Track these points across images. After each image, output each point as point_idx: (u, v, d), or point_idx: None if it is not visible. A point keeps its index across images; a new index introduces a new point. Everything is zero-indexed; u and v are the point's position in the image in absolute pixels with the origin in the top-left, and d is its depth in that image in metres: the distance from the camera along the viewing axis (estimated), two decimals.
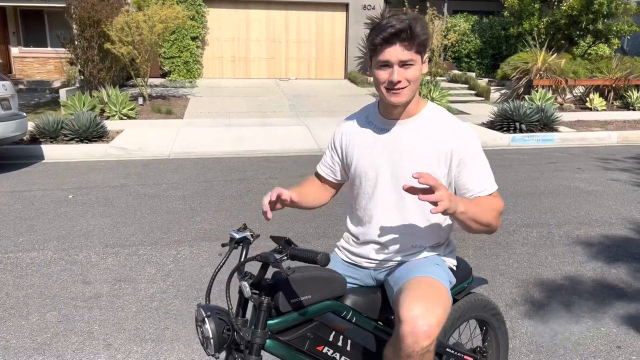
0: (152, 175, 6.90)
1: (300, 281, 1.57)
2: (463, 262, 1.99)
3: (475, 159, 1.73)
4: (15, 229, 4.71)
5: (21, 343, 2.86)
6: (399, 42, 1.59)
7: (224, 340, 1.47)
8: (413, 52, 1.61)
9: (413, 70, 1.64)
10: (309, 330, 1.61)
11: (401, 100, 1.68)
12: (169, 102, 12.88)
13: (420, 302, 1.55)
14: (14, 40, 17.76)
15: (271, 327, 1.54)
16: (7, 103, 7.26)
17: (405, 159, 1.74)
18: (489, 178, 1.74)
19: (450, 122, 1.76)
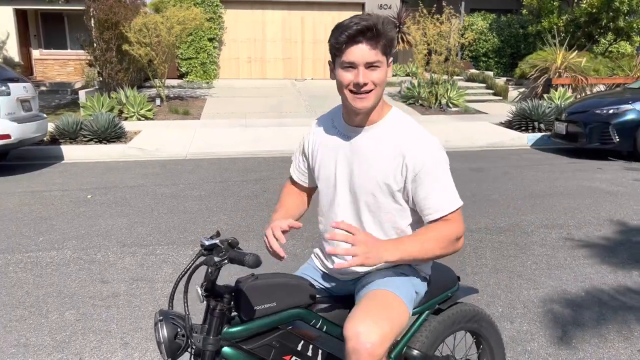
0: (169, 176, 6.96)
1: (263, 288, 1.53)
2: (447, 270, 1.92)
3: (432, 175, 1.59)
4: (36, 228, 4.79)
5: (41, 341, 2.90)
6: (365, 40, 1.50)
7: (178, 346, 1.44)
8: (379, 53, 1.53)
9: (379, 72, 1.55)
10: (275, 339, 1.56)
11: (366, 105, 1.58)
12: (186, 102, 12.98)
13: (365, 319, 1.49)
14: (35, 43, 18.06)
15: (233, 334, 1.50)
16: (28, 104, 7.38)
17: (362, 169, 1.65)
18: (447, 197, 1.59)
19: (410, 133, 1.63)
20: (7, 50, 16.86)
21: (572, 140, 8.47)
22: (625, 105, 8.07)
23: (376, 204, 1.65)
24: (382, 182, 1.62)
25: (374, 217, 1.67)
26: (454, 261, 3.95)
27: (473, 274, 3.75)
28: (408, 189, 1.62)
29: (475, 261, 3.98)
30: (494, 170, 7.32)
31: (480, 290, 3.46)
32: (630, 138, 7.84)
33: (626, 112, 7.96)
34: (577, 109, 8.63)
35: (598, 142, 8.06)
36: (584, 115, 8.32)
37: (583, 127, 8.17)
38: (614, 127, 7.86)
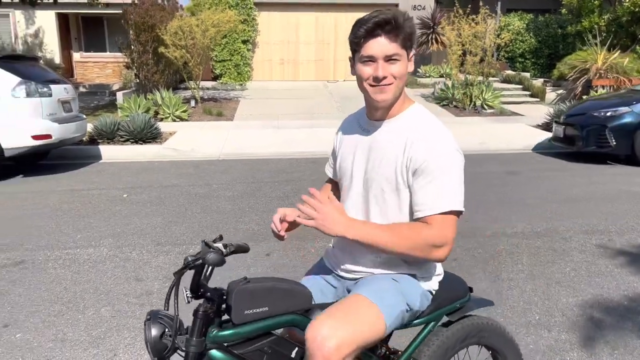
0: (202, 176, 7.05)
1: (255, 292, 1.49)
2: (456, 280, 1.85)
3: (432, 172, 1.53)
4: (74, 225, 4.91)
5: (77, 336, 2.96)
6: (384, 34, 1.50)
7: (165, 346, 1.43)
8: (398, 46, 1.52)
9: (399, 65, 1.54)
10: (267, 345, 1.52)
11: (386, 98, 1.57)
12: (220, 104, 13.14)
13: (327, 321, 1.46)
14: (76, 46, 18.62)
15: (222, 338, 1.47)
16: (69, 105, 7.60)
17: (375, 162, 1.64)
18: (440, 197, 1.51)
19: (425, 128, 1.60)
20: (50, 52, 17.43)
21: (569, 144, 8.22)
22: (623, 107, 7.77)
23: (384, 197, 1.63)
24: (391, 176, 1.60)
25: (381, 211, 1.64)
26: (488, 266, 3.87)
27: (509, 279, 3.65)
28: (409, 184, 1.58)
29: (512, 267, 3.87)
30: (530, 173, 7.14)
31: (516, 297, 3.38)
32: (627, 141, 7.54)
33: (624, 115, 7.67)
34: (576, 111, 8.38)
35: (594, 145, 7.79)
36: (581, 117, 8.05)
37: (580, 130, 7.91)
38: (610, 130, 7.60)
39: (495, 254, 4.12)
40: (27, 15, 17.09)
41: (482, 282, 3.60)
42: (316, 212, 1.48)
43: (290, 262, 3.96)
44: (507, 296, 3.39)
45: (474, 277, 3.67)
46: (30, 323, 3.10)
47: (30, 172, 7.33)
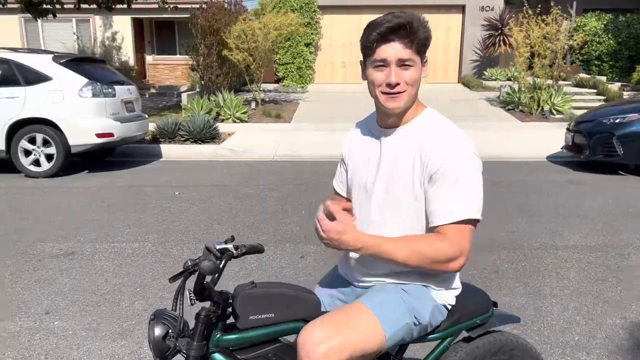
0: (253, 176, 7.17)
1: (261, 297, 1.47)
2: (478, 294, 1.74)
3: (448, 178, 1.45)
4: (125, 220, 5.13)
5: (109, 327, 3.08)
6: (398, 38, 1.44)
7: (166, 348, 1.42)
8: (413, 52, 1.46)
9: (412, 71, 1.48)
10: (272, 351, 1.49)
11: (398, 105, 1.51)
12: (280, 106, 13.33)
13: (319, 327, 1.42)
14: (149, 49, 19.56)
15: (225, 342, 1.46)
16: (132, 106, 7.97)
17: (389, 170, 1.57)
18: (454, 205, 1.44)
19: (439, 133, 1.52)
20: (125, 55, 18.41)
21: (577, 152, 7.66)
22: (632, 114, 7.15)
23: (401, 208, 1.56)
24: (408, 185, 1.53)
25: (398, 220, 1.57)
26: (531, 280, 3.65)
27: (551, 295, 3.43)
28: (424, 190, 1.51)
29: (556, 282, 3.64)
30: (594, 182, 6.70)
31: (557, 315, 3.16)
32: (636, 150, 6.96)
33: (633, 123, 7.08)
34: (586, 118, 7.80)
35: (602, 154, 7.25)
36: (589, 125, 7.50)
37: (587, 138, 7.35)
38: (618, 139, 7.03)
39: (541, 268, 3.88)
40: (105, 20, 18.15)
41: (522, 297, 3.40)
42: (326, 228, 1.46)
43: (323, 266, 3.93)
44: (546, 313, 3.18)
45: (513, 291, 3.48)
46: (69, 311, 3.26)
47: (95, 168, 7.76)
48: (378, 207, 1.61)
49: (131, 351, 2.81)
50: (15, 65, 7.04)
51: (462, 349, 1.68)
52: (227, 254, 1.46)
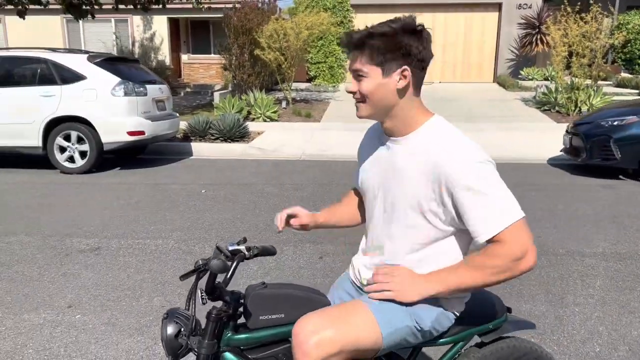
0: (278, 175, 7.21)
1: (271, 298, 1.49)
2: (490, 299, 1.70)
3: (471, 189, 1.40)
4: (150, 217, 5.24)
5: (127, 322, 3.15)
6: (354, 49, 1.48)
7: (178, 346, 1.44)
8: (364, 62, 1.46)
9: (365, 82, 1.48)
10: (282, 352, 1.50)
11: (361, 114, 1.53)
12: (311, 105, 13.36)
13: (314, 319, 1.45)
14: (184, 48, 19.91)
15: (235, 341, 1.47)
16: (163, 104, 8.14)
17: (396, 181, 1.54)
18: (494, 213, 1.39)
19: (446, 143, 1.46)
20: (161, 55, 18.80)
21: (575, 155, 7.33)
22: (630, 117, 6.81)
23: (408, 221, 1.53)
24: (414, 200, 1.49)
25: (405, 234, 1.55)
26: (554, 287, 3.55)
27: (574, 304, 3.32)
28: (447, 207, 1.46)
29: (581, 290, 3.52)
30: (632, 187, 6.45)
31: (578, 324, 3.06)
32: (634, 154, 6.66)
33: (631, 125, 6.75)
34: (584, 120, 7.47)
35: (599, 157, 6.94)
36: (587, 127, 7.18)
37: (584, 140, 7.04)
38: (615, 142, 6.72)
39: (565, 275, 3.77)
40: (143, 20, 18.58)
41: (542, 304, 3.31)
42: (388, 283, 1.50)
43: (341, 267, 3.92)
44: (567, 322, 3.08)
45: (534, 298, 3.38)
46: (90, 306, 3.35)
47: (126, 165, 7.95)
48: (386, 216, 1.59)
49: (146, 347, 2.87)
50: (52, 65, 7.29)
51: (474, 354, 1.66)
52: (238, 255, 1.48)
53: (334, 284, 1.85)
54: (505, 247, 1.39)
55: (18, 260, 4.11)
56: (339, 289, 1.79)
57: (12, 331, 3.03)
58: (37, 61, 7.36)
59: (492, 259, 1.41)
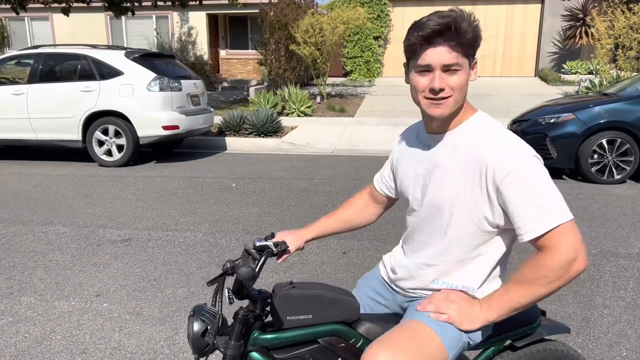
0: (309, 170, 7.23)
1: (299, 298, 1.46)
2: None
3: (519, 186, 1.33)
4: (181, 210, 5.36)
5: (151, 312, 3.23)
6: (443, 41, 1.33)
7: (205, 344, 1.42)
8: (459, 55, 1.35)
9: (459, 76, 1.36)
10: (308, 352, 1.48)
11: (443, 112, 1.40)
12: (345, 100, 13.32)
13: (386, 350, 1.34)
14: (223, 44, 20.18)
15: (262, 341, 1.46)
16: (197, 99, 8.28)
17: (438, 181, 1.47)
18: (541, 213, 1.32)
19: (492, 137, 1.41)
20: (200, 50, 19.12)
21: None
22: (565, 114, 6.46)
23: (453, 222, 1.46)
24: (460, 197, 1.43)
25: (451, 236, 1.48)
26: (582, 288, 3.43)
27: (603, 306, 3.20)
28: (493, 204, 1.39)
29: (612, 292, 3.39)
30: None
31: (606, 327, 2.95)
32: (570, 153, 6.35)
33: (566, 123, 6.42)
34: (525, 117, 7.12)
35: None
36: (525, 124, 6.88)
37: (522, 138, 6.56)
38: (551, 140, 6.41)
39: (596, 276, 3.63)
40: (182, 16, 18.93)
41: (570, 306, 3.21)
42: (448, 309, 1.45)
43: (365, 263, 3.91)
44: (594, 325, 2.98)
45: (561, 299, 3.28)
46: (117, 295, 3.46)
47: (162, 159, 8.14)
48: (427, 219, 1.53)
49: (168, 336, 2.94)
50: (92, 61, 7.52)
51: (507, 358, 1.61)
52: (267, 251, 1.48)
53: (362, 281, 1.80)
54: (554, 253, 1.32)
55: (53, 249, 4.28)
56: (367, 288, 1.75)
57: (42, 317, 3.16)
58: (77, 57, 7.62)
59: (541, 269, 1.34)
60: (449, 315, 1.43)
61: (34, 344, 2.86)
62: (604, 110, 6.40)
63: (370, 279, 1.77)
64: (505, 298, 1.39)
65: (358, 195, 1.90)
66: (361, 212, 1.86)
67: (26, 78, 7.74)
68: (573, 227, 1.33)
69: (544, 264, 1.33)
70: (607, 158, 6.35)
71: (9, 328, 3.03)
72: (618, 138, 6.30)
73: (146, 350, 2.79)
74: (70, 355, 2.75)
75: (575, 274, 1.33)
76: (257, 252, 1.50)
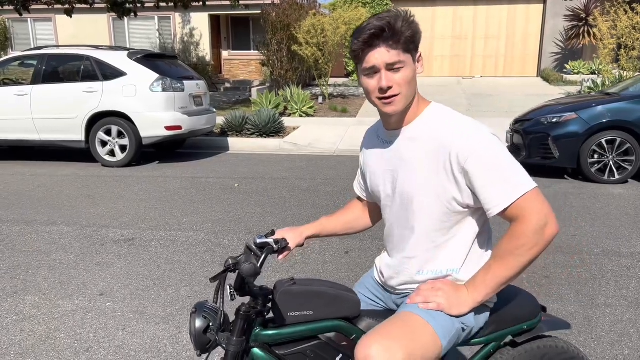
0: (311, 170, 7.24)
1: (300, 294, 1.47)
2: (526, 298, 1.65)
3: (483, 162, 1.39)
4: (184, 210, 5.37)
5: (154, 311, 3.25)
6: (382, 42, 1.40)
7: (207, 341, 1.43)
8: (400, 52, 1.41)
9: (403, 72, 1.42)
10: (310, 348, 1.49)
11: (397, 109, 1.47)
12: (347, 101, 13.34)
13: (379, 341, 1.35)
14: (225, 45, 20.22)
15: (264, 337, 1.47)
16: (200, 100, 8.30)
17: (405, 173, 1.52)
18: (508, 183, 1.38)
19: (450, 123, 1.47)
20: (202, 51, 19.16)
21: (515, 153, 6.89)
22: (568, 113, 6.46)
23: (425, 209, 1.51)
24: (428, 184, 1.48)
25: (425, 223, 1.52)
26: (585, 288, 3.44)
27: (605, 305, 3.21)
28: (461, 185, 1.44)
29: (614, 291, 3.39)
30: None
31: (608, 326, 2.96)
32: (572, 153, 6.35)
33: (569, 122, 6.42)
34: (526, 117, 7.09)
35: (538, 156, 6.62)
36: (527, 124, 6.85)
37: (524, 138, 6.73)
38: (553, 140, 6.41)
39: (598, 275, 3.64)
40: (184, 17, 18.97)
41: (572, 305, 3.21)
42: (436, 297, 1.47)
43: (367, 262, 3.92)
44: (596, 324, 2.98)
45: (564, 298, 3.29)
46: (120, 294, 3.48)
47: (165, 159, 8.17)
48: (403, 212, 1.57)
49: (171, 335, 2.96)
50: (95, 62, 7.56)
51: (507, 354, 1.62)
52: (267, 248, 1.50)
53: (360, 282, 1.84)
54: (524, 221, 1.38)
55: (57, 249, 4.30)
56: (364, 289, 1.79)
57: (46, 316, 3.18)
58: (80, 58, 7.65)
59: (517, 239, 1.39)
60: (437, 303, 1.46)
61: (39, 342, 2.88)
62: (606, 109, 6.40)
63: (366, 279, 1.82)
64: (489, 276, 1.44)
65: (357, 200, 1.93)
66: (360, 217, 1.91)
67: (30, 79, 7.77)
68: (538, 194, 1.39)
69: (519, 234, 1.38)
70: (607, 158, 6.35)
71: (13, 327, 3.05)
72: (618, 138, 6.30)
73: (150, 349, 2.81)
74: (75, 354, 2.77)
75: (550, 237, 1.39)
76: (258, 249, 1.51)
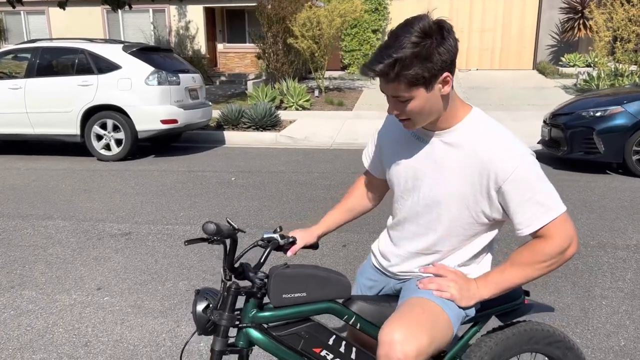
0: (308, 164, 7.24)
1: (294, 277, 1.54)
2: None
3: (519, 184, 1.41)
4: (181, 204, 5.36)
5: (152, 305, 3.25)
6: (384, 80, 1.37)
7: (206, 320, 1.50)
8: (405, 88, 1.36)
9: (412, 104, 1.39)
10: (304, 329, 1.56)
11: (412, 129, 1.49)
12: (343, 94, 13.31)
13: (404, 327, 1.39)
14: (220, 38, 20.09)
15: (260, 319, 1.54)
16: (195, 93, 8.27)
17: (435, 177, 1.51)
18: (538, 208, 1.41)
19: (492, 139, 1.45)
20: (197, 44, 19.05)
21: (555, 148, 6.88)
22: (614, 107, 6.36)
23: (450, 215, 1.52)
24: (460, 194, 1.48)
25: (447, 228, 1.54)
26: (581, 279, 3.46)
27: (602, 297, 3.23)
28: (493, 201, 1.46)
29: (610, 283, 3.42)
30: None
31: (604, 318, 2.98)
32: (618, 147, 6.26)
33: (615, 116, 6.32)
34: (564, 110, 6.96)
35: (581, 151, 6.52)
36: (567, 117, 6.73)
37: (565, 132, 6.62)
38: (598, 134, 6.32)
39: (595, 267, 3.66)
40: (179, 9, 18.83)
41: (568, 296, 3.23)
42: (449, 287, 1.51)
43: (364, 255, 3.93)
44: (592, 315, 3.01)
45: (560, 290, 3.31)
46: (118, 288, 3.47)
47: (161, 153, 8.14)
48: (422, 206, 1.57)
49: (169, 329, 2.96)
50: (89, 55, 7.50)
51: (496, 337, 1.67)
52: (272, 242, 1.59)
53: (357, 275, 1.89)
54: (551, 242, 1.43)
55: (53, 244, 4.29)
56: (363, 278, 1.83)
57: (44, 311, 3.17)
58: (75, 51, 7.60)
59: (539, 255, 1.45)
60: (450, 293, 1.50)
61: (37, 337, 2.87)
62: None
63: (364, 269, 1.86)
64: (502, 278, 1.49)
65: (357, 182, 1.93)
66: (362, 197, 1.90)
67: (23, 72, 7.72)
68: (567, 218, 1.45)
69: (543, 251, 1.44)
70: None
71: (11, 321, 3.05)
72: None
73: (148, 343, 2.81)
74: (73, 348, 2.77)
75: (569, 257, 1.47)
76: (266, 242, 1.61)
